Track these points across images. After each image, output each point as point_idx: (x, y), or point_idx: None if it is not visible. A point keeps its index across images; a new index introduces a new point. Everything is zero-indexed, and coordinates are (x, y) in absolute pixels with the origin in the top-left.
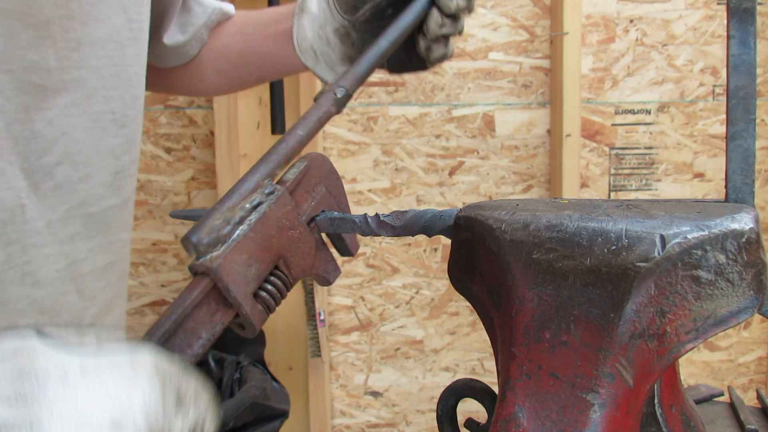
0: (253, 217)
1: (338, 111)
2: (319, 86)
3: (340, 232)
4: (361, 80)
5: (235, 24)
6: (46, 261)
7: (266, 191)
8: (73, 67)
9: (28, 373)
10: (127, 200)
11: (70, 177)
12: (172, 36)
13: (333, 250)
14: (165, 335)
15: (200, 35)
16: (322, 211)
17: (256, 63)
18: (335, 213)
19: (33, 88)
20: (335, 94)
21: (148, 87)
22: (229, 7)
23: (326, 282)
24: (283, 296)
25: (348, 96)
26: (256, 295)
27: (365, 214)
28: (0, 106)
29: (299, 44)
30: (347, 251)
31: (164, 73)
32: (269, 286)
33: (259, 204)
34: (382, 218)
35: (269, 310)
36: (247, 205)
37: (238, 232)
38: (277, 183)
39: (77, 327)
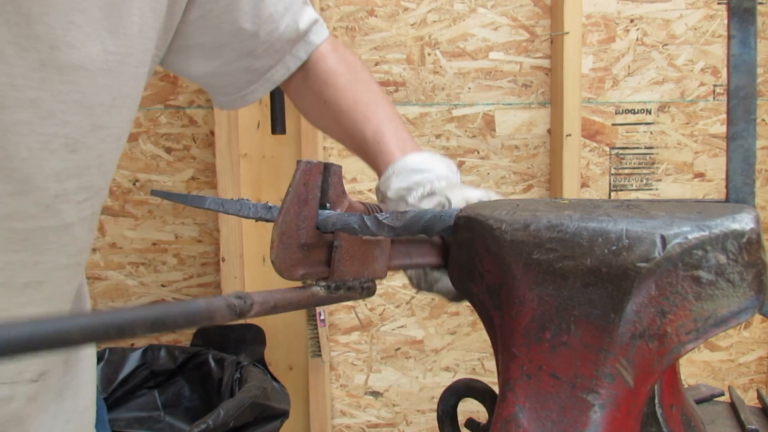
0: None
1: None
2: None
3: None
4: None
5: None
6: None
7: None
8: (31, 88)
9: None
10: (70, 225)
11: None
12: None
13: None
14: None
15: (286, 62)
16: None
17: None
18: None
19: None
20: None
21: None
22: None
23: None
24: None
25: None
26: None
27: (361, 215)
28: None
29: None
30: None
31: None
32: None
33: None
34: (381, 219)
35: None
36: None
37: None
38: None
39: None
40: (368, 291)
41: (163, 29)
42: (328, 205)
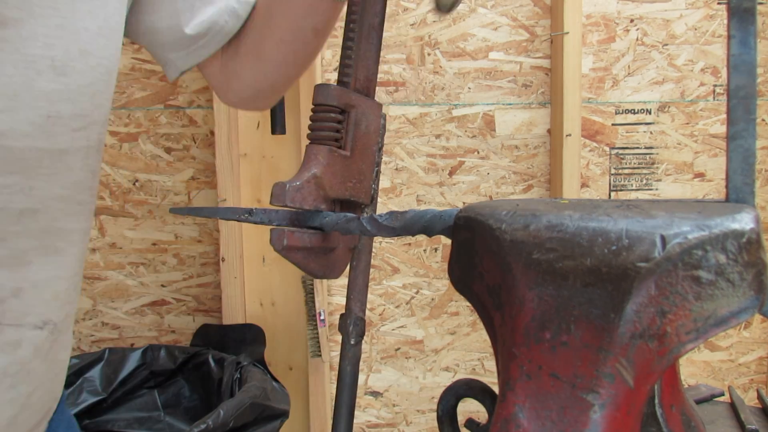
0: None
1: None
2: None
3: (343, 232)
4: None
5: (262, 17)
6: None
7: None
8: (9, 7)
9: None
10: (64, 152)
11: None
12: (194, 27)
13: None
14: None
15: (231, 7)
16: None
17: (301, 27)
18: (332, 213)
19: None
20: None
21: (216, 88)
22: None
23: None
24: None
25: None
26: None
27: (358, 216)
28: None
29: None
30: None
31: (225, 62)
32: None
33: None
34: (379, 220)
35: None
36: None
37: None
38: None
39: None
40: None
41: None
42: (321, 209)
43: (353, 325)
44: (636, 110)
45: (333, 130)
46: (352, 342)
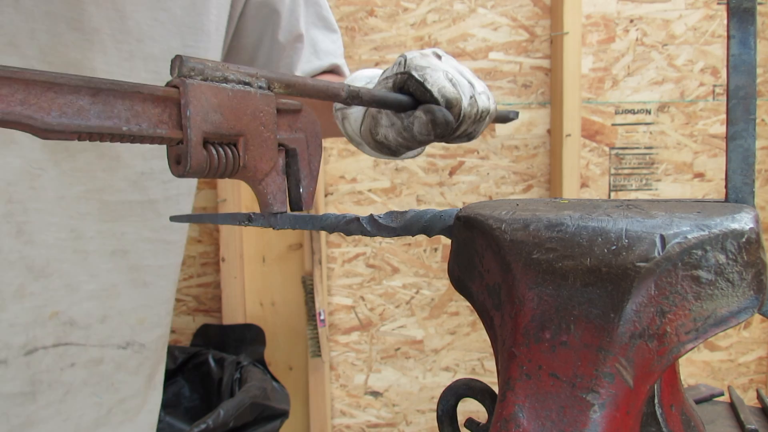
0: (239, 87)
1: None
2: None
3: (343, 233)
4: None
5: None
6: (49, 228)
7: (260, 83)
8: (123, 75)
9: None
10: (154, 201)
11: (92, 165)
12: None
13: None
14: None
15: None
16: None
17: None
18: (331, 214)
19: None
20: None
21: None
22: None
23: (266, 207)
24: (227, 169)
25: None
26: (206, 141)
27: (357, 217)
28: None
29: (345, 131)
30: (298, 203)
31: None
32: (220, 148)
33: (248, 84)
34: (379, 220)
35: (209, 164)
36: (239, 77)
37: (223, 84)
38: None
39: (72, 296)
40: None
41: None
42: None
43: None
44: (636, 110)
45: None
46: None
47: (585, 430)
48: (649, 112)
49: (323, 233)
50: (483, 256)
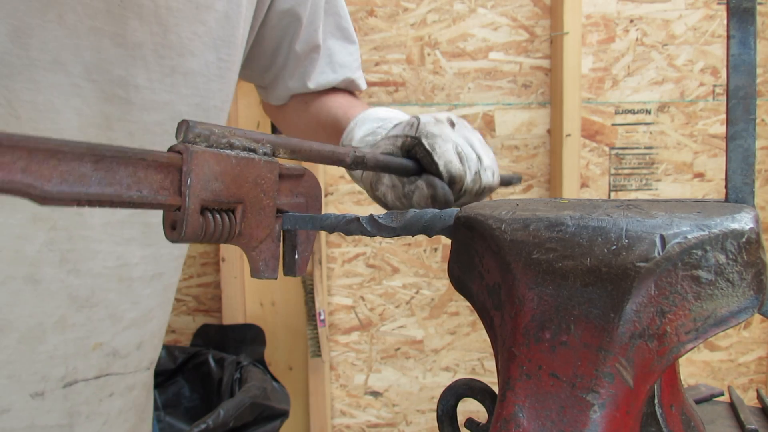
0: (244, 154)
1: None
2: None
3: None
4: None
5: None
6: (95, 256)
7: (265, 150)
8: (165, 91)
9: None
10: None
11: None
12: (317, 83)
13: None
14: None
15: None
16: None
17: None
18: (331, 214)
19: (117, 100)
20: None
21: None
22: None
23: (256, 273)
24: (222, 236)
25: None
26: (203, 208)
27: (358, 217)
28: (79, 109)
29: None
30: (292, 269)
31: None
32: (217, 215)
33: (252, 151)
34: (379, 220)
35: (205, 231)
36: (244, 143)
37: (228, 150)
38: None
39: (115, 326)
40: None
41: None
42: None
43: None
44: (636, 110)
45: None
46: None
47: (585, 430)
48: (649, 112)
49: (323, 233)
50: (483, 256)
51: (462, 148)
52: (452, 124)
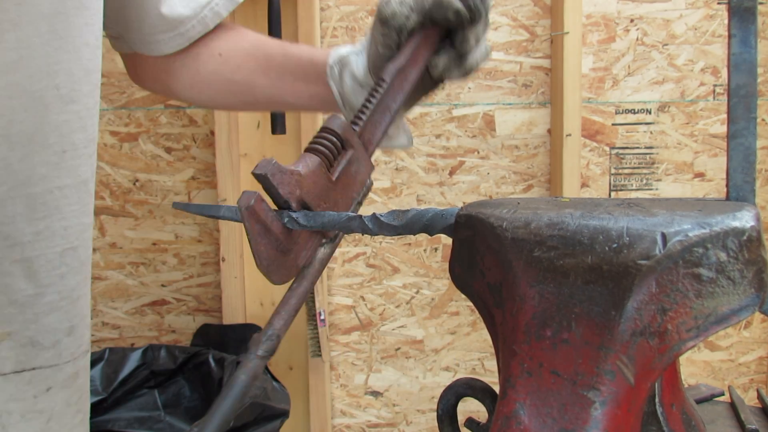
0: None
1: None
2: None
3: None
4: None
5: (254, 58)
6: None
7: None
8: (10, 49)
9: None
10: (86, 181)
11: (7, 158)
12: (171, 7)
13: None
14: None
15: (203, 18)
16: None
17: (282, 106)
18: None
19: None
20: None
21: (146, 84)
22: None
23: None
24: None
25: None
26: None
27: (360, 216)
28: None
29: (342, 105)
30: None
31: (163, 66)
32: None
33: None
34: (381, 219)
35: None
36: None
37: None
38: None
39: (24, 313)
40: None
41: None
42: (290, 204)
43: (267, 339)
44: (636, 110)
45: (330, 150)
46: (259, 353)
47: (586, 428)
48: (649, 111)
49: None
50: (484, 255)
51: None
52: None
